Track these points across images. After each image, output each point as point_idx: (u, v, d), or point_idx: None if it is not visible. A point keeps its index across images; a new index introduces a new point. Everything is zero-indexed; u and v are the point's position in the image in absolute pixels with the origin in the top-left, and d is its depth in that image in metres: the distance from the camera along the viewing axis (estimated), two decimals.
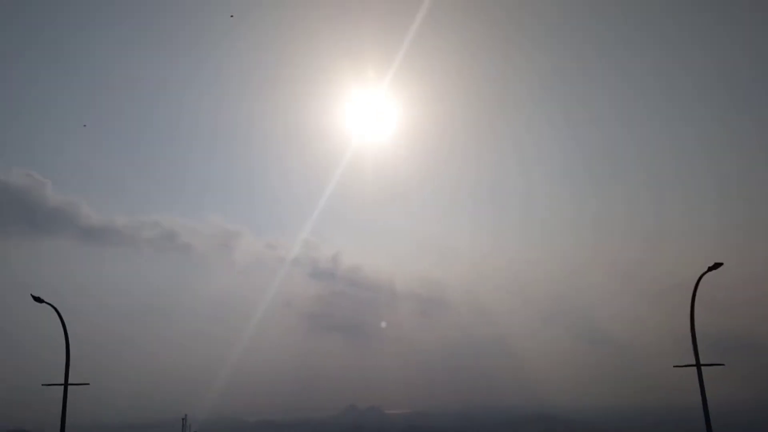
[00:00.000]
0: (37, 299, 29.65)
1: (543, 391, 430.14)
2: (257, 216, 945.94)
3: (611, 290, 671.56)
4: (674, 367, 40.62)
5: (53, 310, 30.83)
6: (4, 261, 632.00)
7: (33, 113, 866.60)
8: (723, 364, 39.07)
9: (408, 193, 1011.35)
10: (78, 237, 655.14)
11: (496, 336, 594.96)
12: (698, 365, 38.79)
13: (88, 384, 32.88)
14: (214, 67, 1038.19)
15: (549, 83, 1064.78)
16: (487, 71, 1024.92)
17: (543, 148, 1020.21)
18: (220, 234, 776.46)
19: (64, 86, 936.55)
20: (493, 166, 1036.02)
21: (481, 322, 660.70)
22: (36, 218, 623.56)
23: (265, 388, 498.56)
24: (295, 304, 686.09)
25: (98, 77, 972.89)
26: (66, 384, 31.66)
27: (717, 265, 38.75)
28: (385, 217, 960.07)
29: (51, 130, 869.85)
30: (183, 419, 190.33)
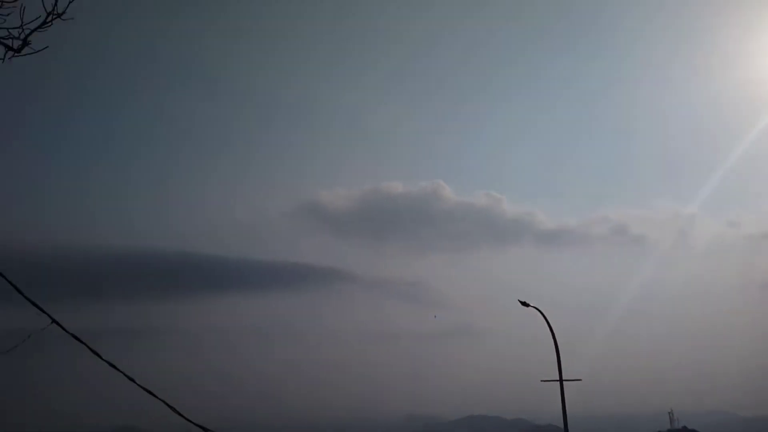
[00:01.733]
0: (524, 303, 32.24)
1: None
2: (710, 193, 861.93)
3: None
4: None
5: (538, 312, 32.93)
6: (487, 269, 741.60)
7: (489, 142, 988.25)
8: None
9: None
10: (535, 242, 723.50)
11: None
12: None
13: (580, 380, 33.79)
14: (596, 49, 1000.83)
15: None
16: None
17: None
18: (672, 219, 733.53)
19: (499, 116, 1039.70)
20: None
21: None
22: (498, 230, 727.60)
23: (755, 382, 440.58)
24: None
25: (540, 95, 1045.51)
26: (561, 380, 33.20)
27: None
28: None
29: (500, 153, 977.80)
30: (669, 413, 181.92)
